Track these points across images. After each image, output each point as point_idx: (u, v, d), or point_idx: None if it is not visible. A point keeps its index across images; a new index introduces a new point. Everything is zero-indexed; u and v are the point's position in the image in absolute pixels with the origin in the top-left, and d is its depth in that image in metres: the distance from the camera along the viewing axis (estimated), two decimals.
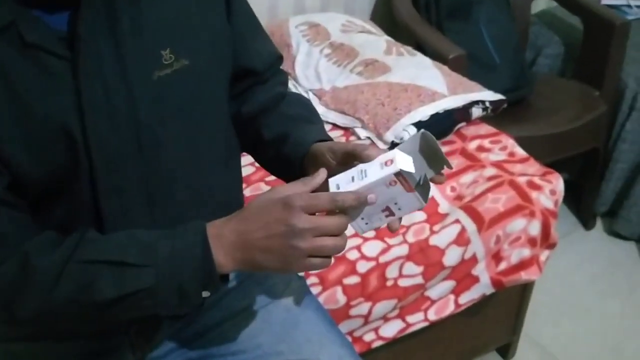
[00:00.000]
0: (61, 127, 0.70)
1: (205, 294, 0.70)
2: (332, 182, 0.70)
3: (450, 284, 1.28)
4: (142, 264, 0.69)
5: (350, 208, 0.68)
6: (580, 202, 2.04)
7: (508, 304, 1.46)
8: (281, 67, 0.97)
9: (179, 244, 0.69)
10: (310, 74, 1.64)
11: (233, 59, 0.85)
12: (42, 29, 0.69)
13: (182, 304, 0.70)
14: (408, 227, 1.25)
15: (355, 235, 1.20)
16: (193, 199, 0.81)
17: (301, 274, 1.11)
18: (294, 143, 0.82)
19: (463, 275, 1.28)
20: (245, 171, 1.25)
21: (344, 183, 0.69)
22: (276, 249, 0.67)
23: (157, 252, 0.69)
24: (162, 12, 0.75)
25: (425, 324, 1.28)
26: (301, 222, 0.65)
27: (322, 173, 0.70)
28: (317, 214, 0.67)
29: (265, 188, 1.30)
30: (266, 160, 0.90)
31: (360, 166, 0.70)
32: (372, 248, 1.20)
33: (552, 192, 1.35)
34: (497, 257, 1.31)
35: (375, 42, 1.67)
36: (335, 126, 1.51)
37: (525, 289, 1.46)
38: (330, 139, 0.83)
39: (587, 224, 2.05)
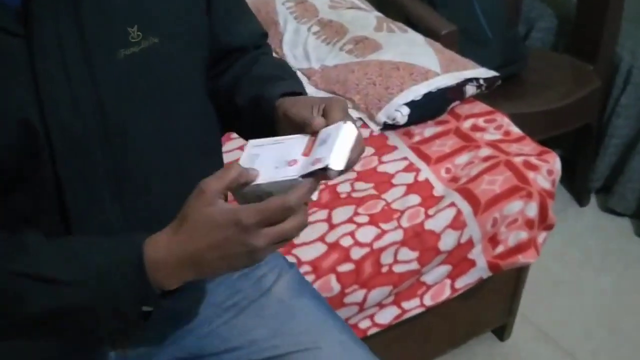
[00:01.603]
0: (17, 111, 0.65)
1: (147, 308, 0.67)
2: (251, 150, 0.67)
3: (446, 268, 1.26)
4: (73, 280, 0.65)
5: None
6: (574, 178, 2.01)
7: (504, 286, 1.45)
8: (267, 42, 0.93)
9: (113, 260, 0.65)
10: (299, 53, 1.60)
11: (215, 39, 0.81)
12: None
13: (122, 323, 0.67)
14: (402, 212, 1.22)
15: (349, 221, 1.19)
16: (170, 190, 0.75)
17: (292, 260, 1.10)
18: (265, 104, 0.78)
19: (459, 260, 1.26)
20: (235, 156, 1.20)
21: (266, 163, 0.65)
22: (236, 264, 0.65)
23: (89, 269, 0.65)
24: None
25: (422, 309, 1.26)
26: (260, 240, 0.62)
27: (234, 169, 0.65)
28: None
29: None
30: (247, 131, 0.85)
31: (289, 148, 0.66)
32: (366, 234, 1.18)
33: (549, 172, 1.32)
34: (493, 241, 1.28)
35: (365, 19, 1.63)
36: None
37: (521, 270, 1.43)
38: (301, 93, 0.79)
39: (581, 200, 2.03)
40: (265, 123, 0.77)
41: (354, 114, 1.44)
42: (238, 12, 0.87)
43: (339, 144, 0.63)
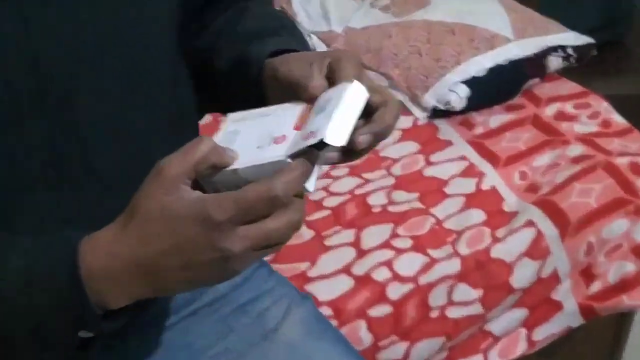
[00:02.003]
0: None
1: (85, 334, 0.64)
2: (229, 126, 0.68)
3: (520, 313, 1.22)
4: None
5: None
6: None
7: (601, 339, 1.42)
8: None
9: (36, 266, 0.64)
10: (314, 10, 1.61)
11: None
12: None
13: (47, 349, 0.65)
14: (460, 233, 1.19)
15: (385, 245, 1.15)
16: (122, 175, 0.74)
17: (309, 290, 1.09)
18: (249, 66, 0.79)
19: (539, 301, 1.23)
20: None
21: (247, 142, 0.64)
22: (204, 277, 0.64)
23: (8, 276, 0.64)
24: None
25: None
26: (236, 243, 0.60)
27: (204, 143, 0.62)
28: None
29: None
30: (228, 104, 0.83)
31: (278, 120, 0.66)
32: (409, 264, 1.15)
33: None
34: (587, 274, 1.25)
35: None
36: None
37: (625, 316, 1.39)
38: (303, 48, 0.79)
39: None
40: (250, 92, 0.77)
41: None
42: None
43: (341, 110, 0.61)
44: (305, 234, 1.17)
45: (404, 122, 1.40)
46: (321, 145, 0.59)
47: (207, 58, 0.85)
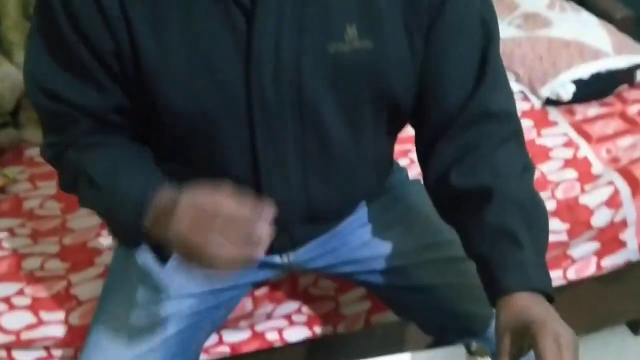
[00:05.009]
0: (225, 69, 0.78)
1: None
2: None
3: (594, 245, 1.38)
4: (104, 186, 0.82)
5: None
6: None
7: None
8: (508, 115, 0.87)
9: (131, 188, 0.80)
10: None
11: (420, 80, 0.85)
12: None
13: (130, 233, 0.82)
14: (557, 184, 1.36)
15: None
16: (346, 156, 0.90)
17: None
18: (488, 282, 0.79)
19: (609, 239, 1.38)
20: None
21: None
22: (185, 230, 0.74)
23: (116, 184, 0.82)
24: None
25: (563, 282, 1.38)
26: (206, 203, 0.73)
27: (266, 213, 0.72)
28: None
29: None
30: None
31: None
32: None
33: None
34: None
35: None
36: None
37: None
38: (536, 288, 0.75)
39: None
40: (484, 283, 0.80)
41: (516, 86, 1.60)
42: (460, 54, 0.84)
43: None
44: None
45: (524, 105, 1.54)
46: None
47: (441, 196, 0.88)
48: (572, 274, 1.40)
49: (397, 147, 1.07)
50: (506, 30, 1.69)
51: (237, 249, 0.70)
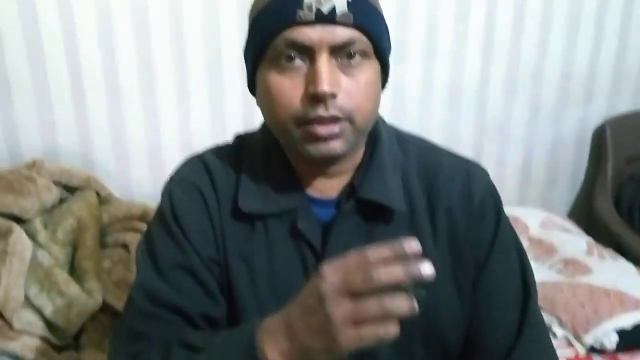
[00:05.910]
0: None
1: None
2: None
3: None
4: (204, 347, 0.77)
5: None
6: None
7: None
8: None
9: (233, 335, 0.75)
10: None
11: (468, 328, 0.88)
12: (311, 219, 0.84)
13: None
14: None
15: None
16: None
17: None
18: None
19: None
20: None
21: None
22: (314, 322, 0.66)
23: (216, 341, 0.77)
24: None
25: None
26: (338, 309, 0.63)
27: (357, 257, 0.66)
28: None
29: None
30: None
31: None
32: None
33: None
34: None
35: (575, 242, 1.86)
36: None
37: None
38: None
39: None
40: None
41: (559, 332, 1.61)
42: (504, 304, 0.87)
43: None
44: None
45: (569, 353, 1.53)
46: None
47: None
48: None
49: None
50: (547, 274, 1.75)
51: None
